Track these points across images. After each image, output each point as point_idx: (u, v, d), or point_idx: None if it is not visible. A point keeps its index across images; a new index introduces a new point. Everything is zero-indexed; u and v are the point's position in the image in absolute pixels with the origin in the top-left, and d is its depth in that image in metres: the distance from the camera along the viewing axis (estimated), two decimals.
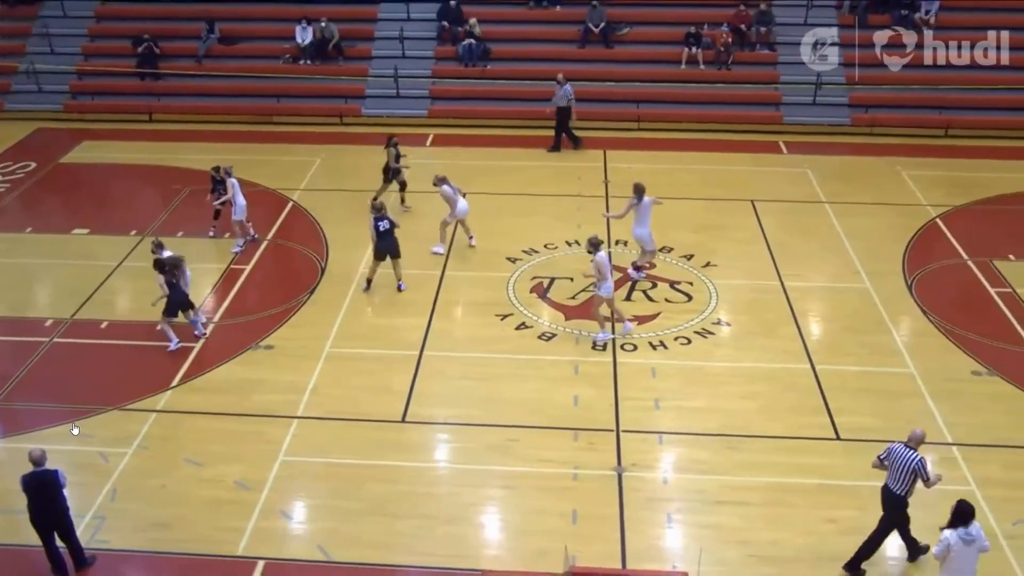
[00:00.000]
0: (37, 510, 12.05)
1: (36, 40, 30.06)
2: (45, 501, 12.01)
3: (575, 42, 29.01)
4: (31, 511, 12.06)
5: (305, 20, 28.90)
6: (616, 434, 14.88)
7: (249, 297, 18.88)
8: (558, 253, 20.37)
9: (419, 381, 16.19)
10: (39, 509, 12.04)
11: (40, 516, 12.09)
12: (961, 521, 10.75)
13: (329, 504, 13.61)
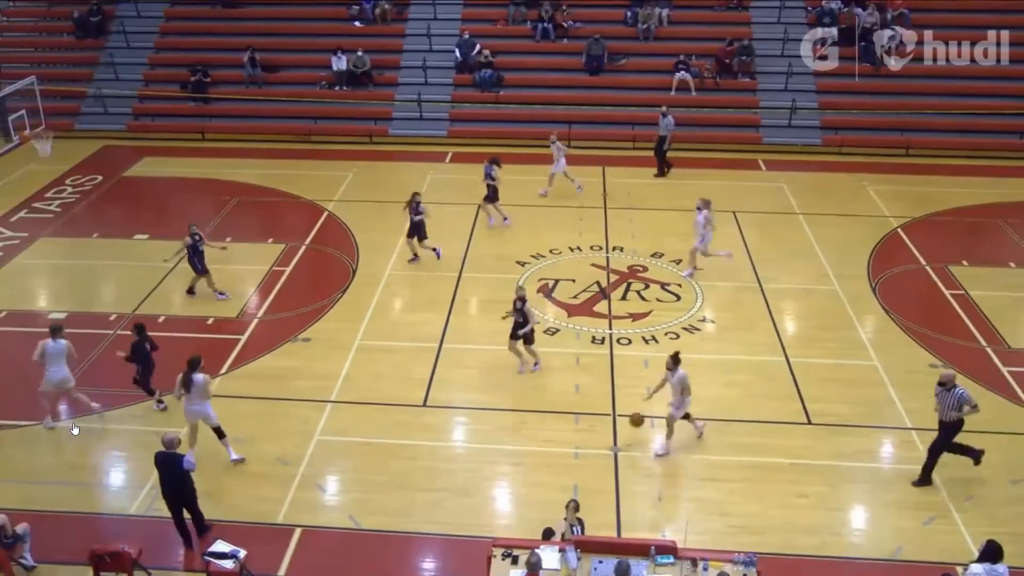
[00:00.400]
0: (166, 486, 12.11)
1: (103, 68, 30.13)
2: (171, 479, 12.04)
3: (579, 70, 28.98)
4: (162, 486, 12.12)
5: (340, 50, 28.93)
6: (612, 418, 14.87)
7: (289, 295, 18.91)
8: (562, 257, 20.36)
9: (439, 370, 16.20)
10: (167, 486, 12.09)
11: (169, 492, 12.13)
12: (990, 558, 10.43)
13: (358, 478, 13.64)
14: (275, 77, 29.52)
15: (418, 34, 30.12)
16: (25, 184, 24.77)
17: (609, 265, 20.00)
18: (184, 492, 12.21)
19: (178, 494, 12.19)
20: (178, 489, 12.16)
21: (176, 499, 12.22)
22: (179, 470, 11.99)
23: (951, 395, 12.86)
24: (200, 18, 31.48)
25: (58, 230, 22.07)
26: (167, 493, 12.18)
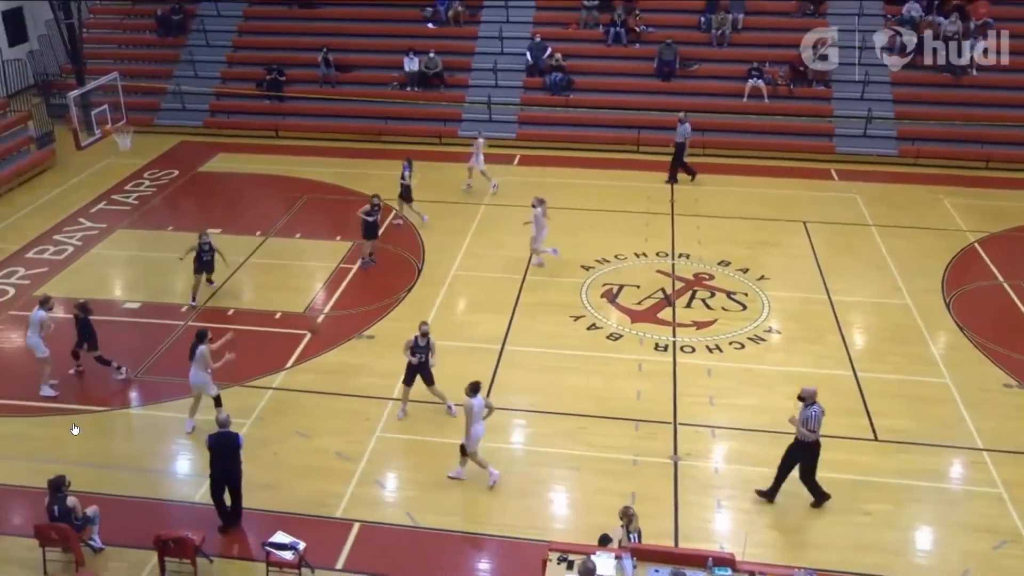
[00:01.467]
0: (216, 467, 12.39)
1: (183, 65, 30.86)
2: (224, 460, 12.33)
3: (650, 76, 28.81)
4: (212, 466, 12.41)
5: (412, 51, 29.19)
6: (673, 426, 14.75)
7: (355, 293, 19.15)
8: (627, 263, 20.26)
9: (500, 371, 16.25)
10: (218, 466, 12.38)
11: (219, 471, 12.42)
12: None
13: (416, 476, 13.75)
14: (348, 77, 29.91)
15: (490, 36, 30.25)
16: (105, 176, 25.52)
17: (674, 272, 19.84)
18: (234, 471, 12.47)
19: (228, 474, 12.45)
20: (230, 469, 12.42)
21: (224, 479, 12.47)
22: (236, 446, 12.28)
23: (808, 412, 12.59)
24: (277, 18, 32.05)
25: (135, 222, 22.69)
26: (216, 474, 12.43)
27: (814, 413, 12.51)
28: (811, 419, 12.50)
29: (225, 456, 12.34)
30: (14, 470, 13.78)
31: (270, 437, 14.56)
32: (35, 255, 20.86)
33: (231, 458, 12.38)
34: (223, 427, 12.38)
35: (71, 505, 11.83)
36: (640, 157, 26.62)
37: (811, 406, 12.54)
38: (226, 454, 12.33)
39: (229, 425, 12.43)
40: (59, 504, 11.77)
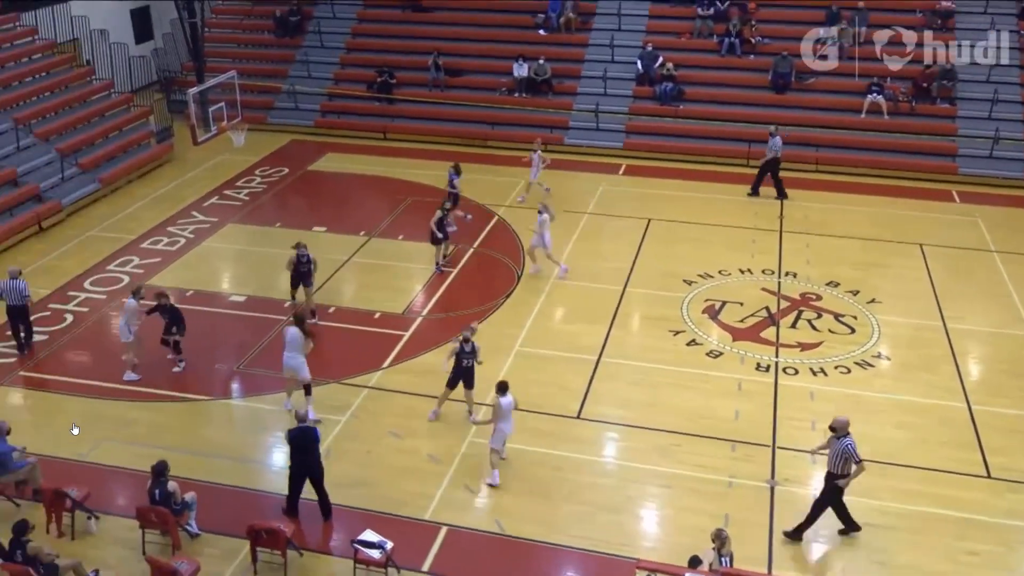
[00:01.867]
0: (296, 461, 12.75)
1: (297, 66, 31.79)
2: (303, 453, 12.68)
3: (764, 88, 28.33)
4: (292, 460, 12.78)
5: (522, 58, 29.38)
6: (772, 449, 14.45)
7: (454, 296, 19.36)
8: (731, 279, 19.95)
9: (595, 383, 16.20)
10: (297, 460, 12.74)
11: (297, 465, 12.78)
12: None
13: (505, 483, 13.79)
14: (457, 81, 30.31)
15: (601, 44, 30.22)
16: (219, 172, 26.47)
17: (780, 291, 19.44)
18: (314, 466, 12.75)
19: (308, 468, 12.74)
20: (310, 463, 12.72)
21: (304, 473, 12.76)
22: (315, 440, 12.59)
23: (839, 444, 12.10)
24: (390, 21, 32.69)
25: (245, 217, 23.46)
26: (295, 468, 12.75)
27: (850, 444, 12.12)
28: (850, 449, 12.12)
29: (304, 450, 12.67)
30: (118, 452, 14.41)
31: (364, 435, 14.85)
32: (149, 245, 21.78)
33: (310, 452, 12.70)
34: (302, 422, 12.73)
35: (171, 490, 12.30)
36: (750, 171, 26.13)
37: (843, 438, 12.16)
38: (305, 448, 12.67)
39: (307, 420, 12.80)
40: (160, 488, 12.25)
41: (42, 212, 22.60)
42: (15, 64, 27.19)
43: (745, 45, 29.05)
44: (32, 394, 16.22)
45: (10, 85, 26.30)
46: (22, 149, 24.23)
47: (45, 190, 23.49)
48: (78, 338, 17.91)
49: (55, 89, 27.18)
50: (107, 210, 23.91)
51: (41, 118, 25.69)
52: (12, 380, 16.48)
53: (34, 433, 14.67)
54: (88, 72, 28.86)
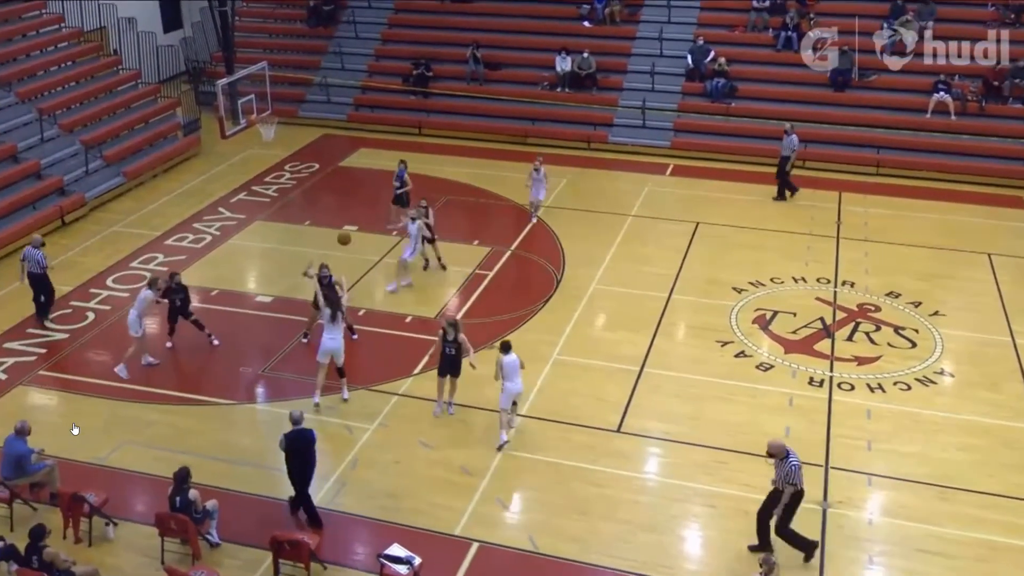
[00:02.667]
0: (292, 464, 12.92)
1: (330, 57, 32.07)
2: (299, 456, 12.87)
3: (822, 85, 28.08)
4: (288, 465, 12.95)
5: (565, 51, 29.38)
6: (825, 470, 14.31)
7: (489, 301, 19.40)
8: (784, 288, 19.79)
9: (637, 395, 16.15)
10: (293, 463, 12.91)
11: (296, 468, 12.95)
12: None
13: (540, 498, 13.80)
14: (496, 75, 30.39)
15: (649, 37, 30.15)
16: (247, 167, 26.78)
17: (836, 301, 19.25)
18: (310, 469, 12.96)
19: (304, 471, 12.95)
20: (305, 465, 12.93)
21: (304, 476, 12.98)
22: (310, 442, 12.81)
23: (785, 466, 12.11)
24: (428, 11, 32.88)
25: (273, 214, 23.70)
26: (294, 472, 12.95)
27: (795, 466, 12.08)
28: (793, 472, 12.08)
29: (298, 453, 12.87)
30: (139, 456, 14.61)
31: (393, 444, 14.92)
32: (174, 242, 22.08)
33: (305, 455, 12.90)
34: (296, 424, 12.92)
35: (192, 498, 12.44)
36: (806, 173, 25.94)
37: (786, 459, 12.13)
38: (300, 451, 12.86)
39: (302, 422, 12.97)
40: (181, 495, 12.39)
41: (65, 206, 23.00)
42: (40, 53, 27.70)
43: (803, 40, 28.80)
44: (51, 394, 16.51)
45: (35, 74, 26.82)
46: (46, 140, 24.70)
47: (69, 183, 23.92)
48: (99, 337, 18.18)
49: (81, 79, 27.66)
50: (131, 205, 24.27)
51: (66, 109, 26.15)
52: (32, 379, 16.78)
53: (52, 434, 14.90)
54: (115, 62, 29.34)
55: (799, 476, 12.12)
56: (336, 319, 15.59)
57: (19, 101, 25.32)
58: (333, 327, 15.53)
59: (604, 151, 28.02)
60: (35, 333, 18.16)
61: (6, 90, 25.18)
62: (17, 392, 16.43)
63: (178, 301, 17.36)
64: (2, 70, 25.62)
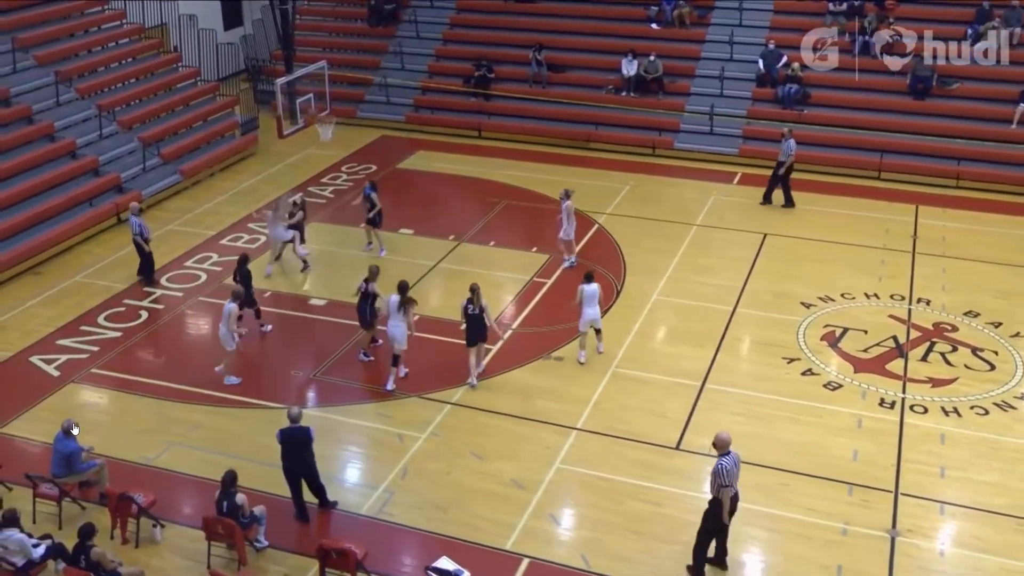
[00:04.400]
0: (288, 460, 13.26)
1: (390, 57, 32.36)
2: (295, 453, 13.18)
3: (901, 93, 27.62)
4: (283, 461, 13.27)
5: (632, 53, 29.29)
6: (894, 496, 14.03)
7: (547, 309, 19.37)
8: (855, 304, 19.48)
9: (697, 411, 16.00)
10: (289, 460, 13.25)
11: (290, 466, 13.29)
12: None
13: (594, 515, 13.73)
14: (560, 77, 30.40)
15: (719, 41, 29.94)
16: (303, 167, 27.11)
17: (911, 319, 18.89)
18: (306, 465, 13.27)
19: (299, 466, 13.24)
20: (300, 461, 13.21)
21: (296, 471, 13.28)
22: (307, 441, 13.12)
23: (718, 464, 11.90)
24: (491, 11, 33.02)
25: (329, 216, 23.95)
26: (287, 466, 13.27)
27: (722, 464, 11.89)
28: (723, 473, 11.86)
29: (294, 450, 13.13)
30: (187, 458, 14.84)
31: (443, 455, 14.96)
32: (229, 242, 22.42)
33: (300, 452, 13.16)
34: (293, 422, 13.14)
35: (240, 502, 12.59)
36: (881, 184, 25.55)
37: (722, 456, 11.96)
38: (295, 449, 13.12)
39: (300, 420, 13.19)
40: (228, 499, 12.55)
41: (122, 203, 23.47)
42: (102, 49, 28.36)
43: (881, 45, 28.35)
44: (102, 392, 16.85)
45: (96, 70, 27.46)
46: (104, 137, 25.27)
47: (126, 180, 24.44)
48: (152, 336, 18.53)
49: (140, 76, 28.26)
50: (187, 203, 24.72)
51: (124, 105, 26.74)
52: (83, 377, 17.15)
53: (103, 433, 15.23)
54: (175, 59, 29.93)
55: (731, 476, 11.95)
56: (401, 310, 16.21)
57: (79, 97, 25.94)
58: (394, 314, 16.20)
59: (669, 157, 27.85)
60: (87, 331, 18.55)
61: (67, 86, 25.81)
62: (68, 389, 16.81)
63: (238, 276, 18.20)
64: (63, 66, 26.26)
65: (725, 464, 11.95)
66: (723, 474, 11.94)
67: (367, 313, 17.35)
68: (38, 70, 25.72)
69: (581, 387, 16.62)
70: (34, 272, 21.04)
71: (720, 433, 12.28)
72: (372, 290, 17.26)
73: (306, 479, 13.48)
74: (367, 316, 17.39)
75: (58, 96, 25.29)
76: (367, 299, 17.31)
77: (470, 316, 16.24)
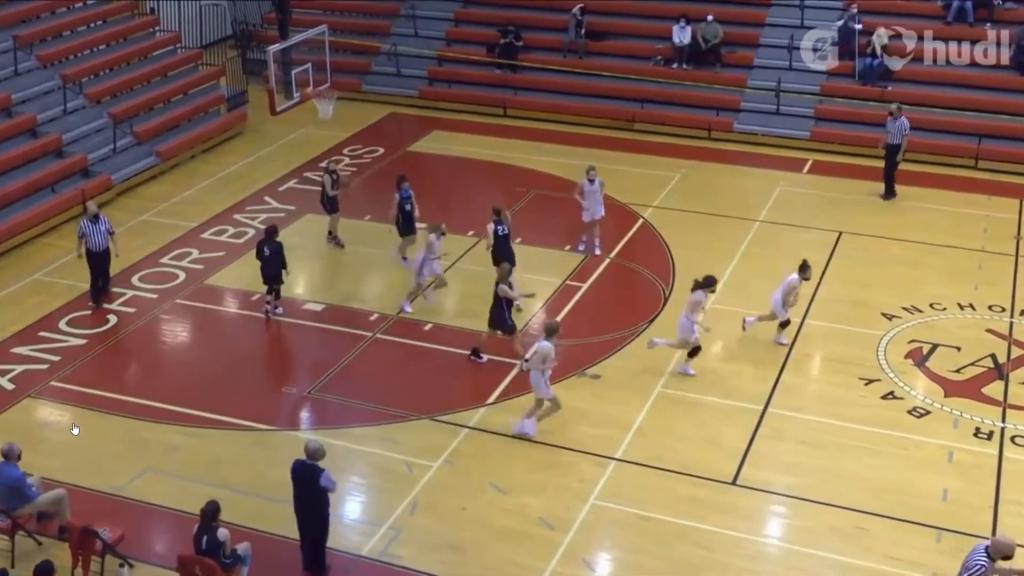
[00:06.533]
0: (295, 500, 13.13)
1: (402, 21, 32.48)
2: (300, 494, 13.05)
3: (1003, 68, 27.47)
4: (295, 502, 13.15)
5: (685, 18, 29.23)
6: None
7: (582, 318, 19.38)
8: (946, 316, 19.41)
9: (758, 440, 15.98)
10: (296, 499, 13.12)
11: (297, 507, 13.16)
12: None
13: (634, 560, 13.74)
14: (600, 46, 30.40)
15: (789, 4, 29.86)
16: (300, 149, 27.29)
17: (1012, 334, 18.80)
18: (315, 513, 13.02)
19: (310, 515, 13.04)
20: (309, 506, 13.00)
21: (301, 514, 13.10)
22: (315, 486, 12.81)
23: None
24: None
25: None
26: (298, 509, 13.11)
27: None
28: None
29: (299, 490, 12.98)
30: (163, 487, 14.95)
31: (459, 487, 15.00)
32: (212, 236, 22.61)
33: (308, 494, 12.92)
34: (311, 458, 12.90)
35: (222, 539, 12.64)
36: (979, 175, 25.43)
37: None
38: (301, 488, 12.96)
39: (319, 457, 12.89)
40: (209, 534, 12.61)
41: (89, 189, 23.70)
42: (68, 11, 28.62)
43: (980, 11, 28.21)
44: (63, 408, 16.99)
45: (59, 35, 27.74)
46: (69, 112, 25.53)
47: (93, 163, 24.69)
48: (121, 345, 18.69)
49: (111, 42, 28.57)
50: (164, 190, 24.93)
51: (93, 76, 27.04)
52: (42, 391, 17.31)
53: (65, 457, 15.38)
54: (151, 22, 30.22)
55: None
56: None
57: (40, 66, 26.23)
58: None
59: (728, 141, 27.82)
60: (47, 337, 18.73)
61: (26, 52, 26.08)
62: (25, 404, 16.97)
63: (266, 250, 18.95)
64: (22, 30, 26.57)
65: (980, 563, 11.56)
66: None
67: (508, 318, 17.63)
68: None
69: (622, 410, 16.61)
70: None
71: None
72: (505, 292, 17.48)
73: (312, 531, 13.30)
74: (508, 320, 17.64)
75: (16, 64, 25.57)
76: (503, 303, 17.49)
77: (500, 238, 18.99)
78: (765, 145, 27.49)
